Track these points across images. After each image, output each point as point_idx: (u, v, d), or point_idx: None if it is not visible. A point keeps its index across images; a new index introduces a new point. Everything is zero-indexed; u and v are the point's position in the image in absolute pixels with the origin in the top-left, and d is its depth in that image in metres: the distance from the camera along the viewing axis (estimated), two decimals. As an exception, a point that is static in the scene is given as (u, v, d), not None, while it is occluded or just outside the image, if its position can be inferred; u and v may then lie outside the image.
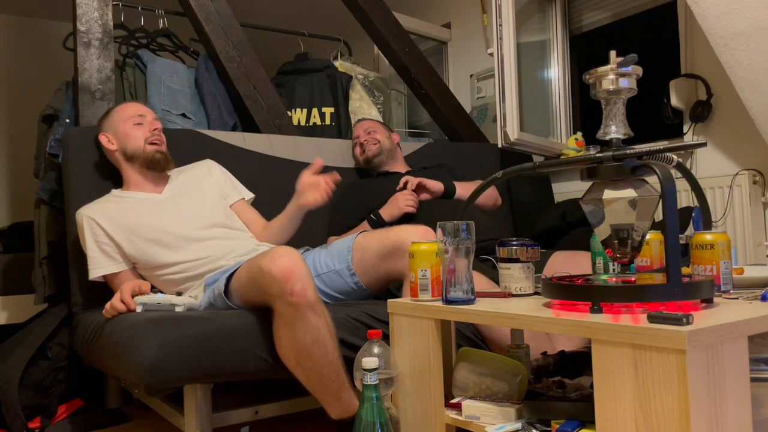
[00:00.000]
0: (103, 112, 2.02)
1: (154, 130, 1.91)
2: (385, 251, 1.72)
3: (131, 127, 1.89)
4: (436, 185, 2.25)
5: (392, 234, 1.72)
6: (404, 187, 2.23)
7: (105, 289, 1.85)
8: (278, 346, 1.47)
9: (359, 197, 2.33)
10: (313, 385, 1.46)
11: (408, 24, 3.22)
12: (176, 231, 1.80)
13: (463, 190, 2.29)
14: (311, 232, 2.13)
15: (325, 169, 2.24)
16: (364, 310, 1.64)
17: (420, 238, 1.59)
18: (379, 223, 2.16)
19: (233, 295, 1.64)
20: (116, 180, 1.97)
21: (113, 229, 1.79)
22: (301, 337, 1.42)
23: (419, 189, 2.24)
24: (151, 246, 1.78)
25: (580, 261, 1.93)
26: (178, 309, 1.59)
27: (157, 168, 1.90)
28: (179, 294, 1.69)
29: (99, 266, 1.78)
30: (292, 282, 1.40)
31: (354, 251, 1.79)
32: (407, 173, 2.40)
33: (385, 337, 1.35)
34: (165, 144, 1.94)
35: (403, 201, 2.17)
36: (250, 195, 2.08)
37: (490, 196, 2.40)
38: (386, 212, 2.18)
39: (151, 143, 1.89)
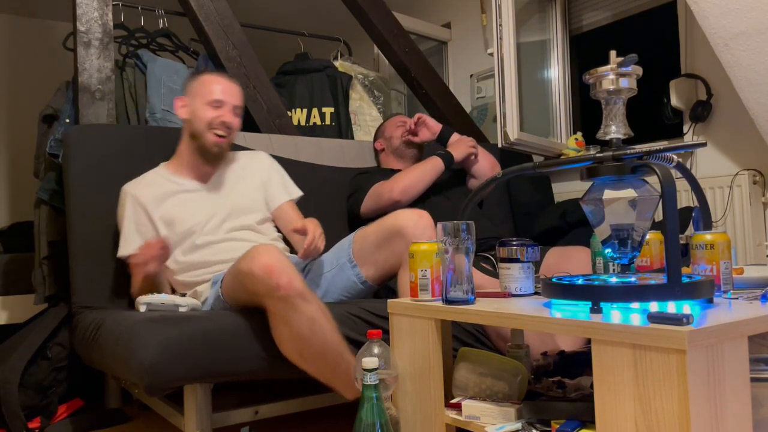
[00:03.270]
0: (102, 113, 2.02)
1: (224, 122, 1.85)
2: (383, 237, 1.73)
3: (205, 108, 1.84)
4: (436, 125, 2.43)
5: (390, 219, 1.73)
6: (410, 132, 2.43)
7: (105, 289, 1.86)
8: (279, 344, 1.47)
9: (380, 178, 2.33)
10: (322, 373, 1.46)
11: (408, 24, 3.22)
12: (206, 233, 1.81)
13: (460, 150, 2.37)
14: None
15: (325, 169, 2.25)
16: (363, 307, 1.65)
17: (416, 220, 1.63)
18: (449, 159, 2.29)
19: (226, 299, 1.64)
20: (117, 180, 1.97)
21: (156, 214, 1.81)
22: (297, 329, 1.42)
23: (419, 124, 2.41)
24: (183, 242, 1.80)
25: (575, 256, 1.94)
26: (181, 309, 1.59)
27: (208, 159, 1.89)
28: (183, 295, 1.70)
29: (131, 243, 1.79)
30: (277, 276, 1.40)
31: (354, 243, 1.81)
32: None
33: (385, 334, 1.35)
34: (231, 139, 1.89)
35: (466, 143, 2.37)
36: (297, 194, 2.04)
37: (490, 162, 2.45)
38: (456, 151, 2.34)
39: (215, 134, 1.85)
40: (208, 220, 1.84)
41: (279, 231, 2.00)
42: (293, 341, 1.44)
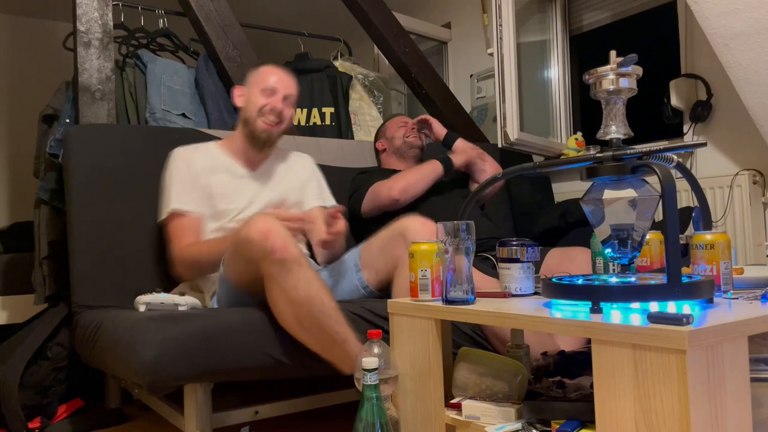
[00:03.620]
0: (102, 113, 2.03)
1: (273, 108, 1.89)
2: (386, 241, 1.74)
3: (258, 95, 1.90)
4: (441, 128, 2.45)
5: (395, 223, 1.75)
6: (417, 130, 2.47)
7: (105, 288, 1.86)
8: (277, 314, 1.47)
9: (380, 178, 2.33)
10: (319, 342, 1.46)
11: (408, 24, 3.22)
12: (239, 221, 1.81)
13: (460, 157, 2.38)
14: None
15: (325, 169, 2.25)
16: (363, 306, 1.65)
17: (420, 225, 1.66)
18: (448, 164, 2.31)
19: (228, 278, 1.65)
20: (117, 180, 1.97)
21: (202, 182, 1.84)
22: (294, 294, 1.43)
23: (424, 123, 2.44)
24: (216, 220, 1.83)
25: (575, 257, 1.94)
26: (181, 308, 1.59)
27: (256, 145, 1.92)
28: (182, 294, 1.70)
29: (180, 201, 1.81)
30: (272, 239, 1.42)
31: (363, 249, 1.83)
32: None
33: (385, 334, 1.35)
34: (280, 128, 1.92)
35: (468, 152, 2.39)
36: (330, 202, 2.07)
37: (493, 166, 2.45)
38: (457, 158, 2.36)
39: (264, 120, 1.89)
40: (245, 207, 1.87)
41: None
42: (290, 308, 1.44)
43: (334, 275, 1.85)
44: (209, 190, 1.85)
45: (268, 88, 1.89)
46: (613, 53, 1.16)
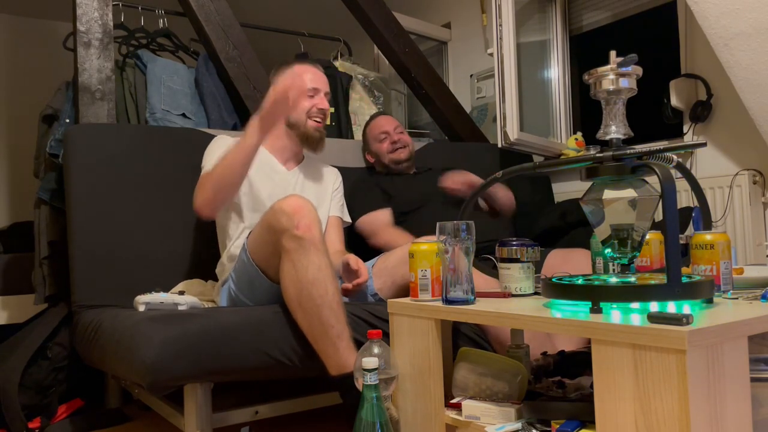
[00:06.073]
0: (102, 113, 2.02)
1: (321, 109, 1.95)
2: (404, 256, 1.73)
3: (302, 98, 1.93)
4: (509, 200, 2.31)
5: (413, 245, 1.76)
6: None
7: (105, 288, 1.86)
8: (283, 288, 1.51)
9: (378, 191, 2.31)
10: (313, 329, 1.47)
11: (408, 24, 3.22)
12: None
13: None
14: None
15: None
16: (365, 308, 1.65)
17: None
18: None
19: (249, 248, 1.67)
20: (117, 180, 1.97)
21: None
22: (302, 273, 1.46)
23: (489, 199, 2.29)
24: (253, 204, 1.85)
25: (576, 258, 1.94)
26: (181, 308, 1.59)
27: (310, 145, 1.96)
28: (182, 293, 1.70)
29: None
30: (300, 216, 1.47)
31: (379, 259, 1.85)
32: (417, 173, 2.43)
33: (385, 336, 1.34)
34: (326, 122, 1.98)
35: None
36: (347, 219, 2.12)
37: (509, 200, 2.35)
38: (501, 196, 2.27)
39: (313, 119, 1.94)
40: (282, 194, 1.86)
41: None
42: (295, 285, 1.47)
43: None
44: (249, 179, 1.85)
45: (310, 88, 1.94)
46: (613, 53, 1.16)
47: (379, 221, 2.20)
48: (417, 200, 2.28)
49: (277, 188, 1.89)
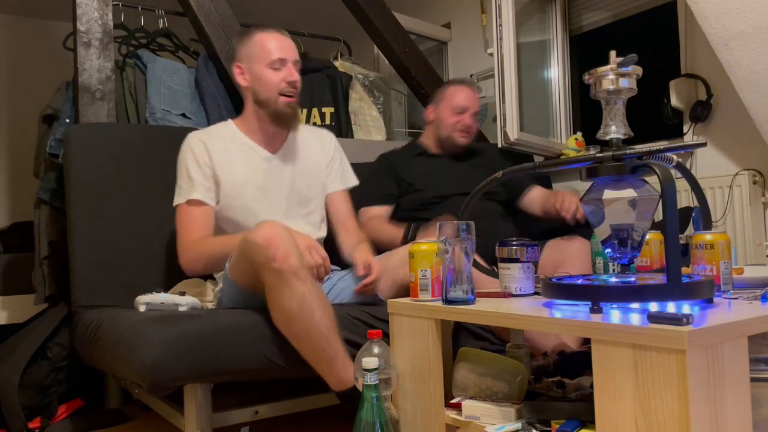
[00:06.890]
0: (102, 113, 2.01)
1: (290, 82, 1.78)
2: (406, 257, 1.72)
3: (267, 71, 1.77)
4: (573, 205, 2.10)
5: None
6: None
7: (105, 288, 1.86)
8: (273, 318, 1.49)
9: (397, 173, 2.28)
10: (305, 352, 1.46)
11: (408, 24, 3.22)
12: (262, 216, 1.76)
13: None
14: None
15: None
16: (364, 309, 1.65)
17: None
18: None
19: (232, 274, 1.65)
20: (117, 180, 1.97)
21: (221, 168, 1.79)
22: (287, 303, 1.43)
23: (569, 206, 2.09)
24: (235, 217, 1.80)
25: (572, 247, 1.93)
26: (181, 309, 1.59)
27: (283, 123, 1.82)
28: (182, 293, 1.70)
29: (195, 190, 1.76)
30: (274, 247, 1.42)
31: (379, 260, 1.81)
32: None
33: (385, 337, 1.34)
34: (298, 95, 1.82)
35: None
36: (353, 182, 2.02)
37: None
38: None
39: (284, 94, 1.79)
40: (268, 203, 1.82)
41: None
42: (282, 314, 1.46)
43: (348, 279, 1.85)
44: (229, 177, 1.79)
45: (275, 60, 1.77)
46: (613, 53, 1.16)
47: (368, 215, 2.19)
48: (448, 188, 2.21)
49: (269, 181, 1.83)
